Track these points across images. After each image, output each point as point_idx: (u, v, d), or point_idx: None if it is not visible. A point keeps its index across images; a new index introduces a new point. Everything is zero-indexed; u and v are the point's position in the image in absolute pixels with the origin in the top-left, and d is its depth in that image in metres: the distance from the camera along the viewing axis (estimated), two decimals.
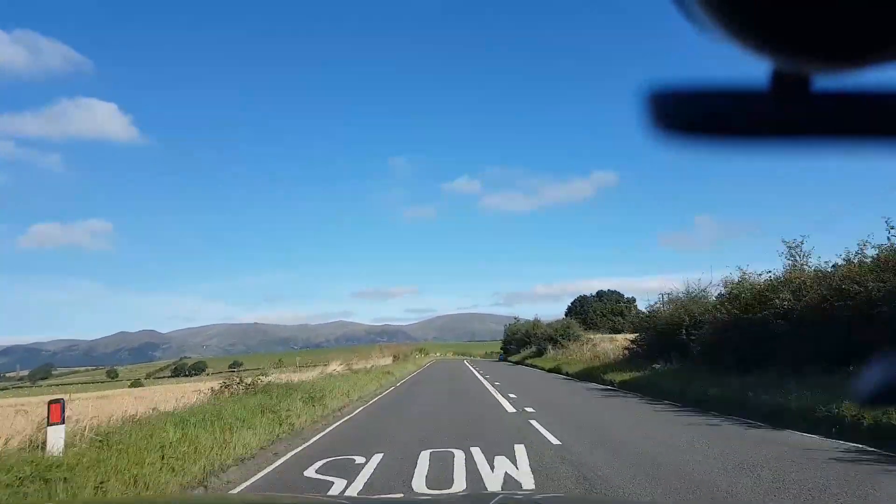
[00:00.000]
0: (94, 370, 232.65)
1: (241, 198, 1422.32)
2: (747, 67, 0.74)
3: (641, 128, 0.78)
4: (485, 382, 25.51)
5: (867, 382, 0.99)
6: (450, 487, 7.19)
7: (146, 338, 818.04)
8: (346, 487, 7.35)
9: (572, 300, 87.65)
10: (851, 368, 12.00)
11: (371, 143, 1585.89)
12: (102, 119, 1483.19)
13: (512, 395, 19.16)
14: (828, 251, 63.17)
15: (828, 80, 0.74)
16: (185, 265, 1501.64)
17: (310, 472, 8.42)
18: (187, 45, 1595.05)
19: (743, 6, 0.66)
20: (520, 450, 9.34)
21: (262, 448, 10.50)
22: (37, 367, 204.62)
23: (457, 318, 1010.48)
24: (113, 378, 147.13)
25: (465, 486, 7.17)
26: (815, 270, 17.06)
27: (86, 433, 8.04)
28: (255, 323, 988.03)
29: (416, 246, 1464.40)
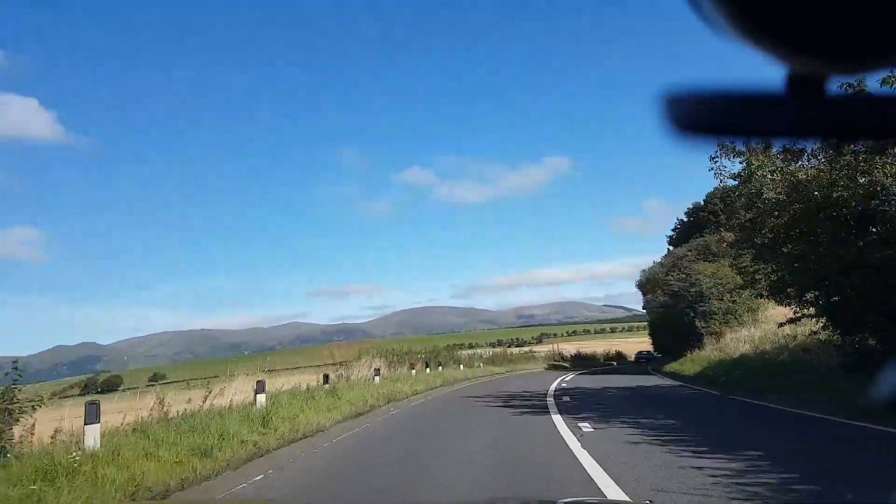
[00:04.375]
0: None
1: (182, 200, 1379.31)
2: (763, 70, 0.77)
3: (659, 129, 0.80)
4: None
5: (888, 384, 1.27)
6: None
7: (86, 351, 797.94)
8: None
9: (684, 213, 54.31)
10: None
11: (317, 134, 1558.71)
12: (22, 116, 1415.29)
13: None
14: None
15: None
16: (127, 273, 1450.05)
17: None
18: (117, 36, 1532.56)
19: (759, 9, 0.67)
20: None
21: None
22: None
23: (415, 312, 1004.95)
24: None
25: None
26: None
27: None
28: (204, 329, 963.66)
29: (371, 241, 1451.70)
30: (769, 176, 14.30)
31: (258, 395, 12.11)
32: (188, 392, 12.65)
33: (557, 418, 12.14)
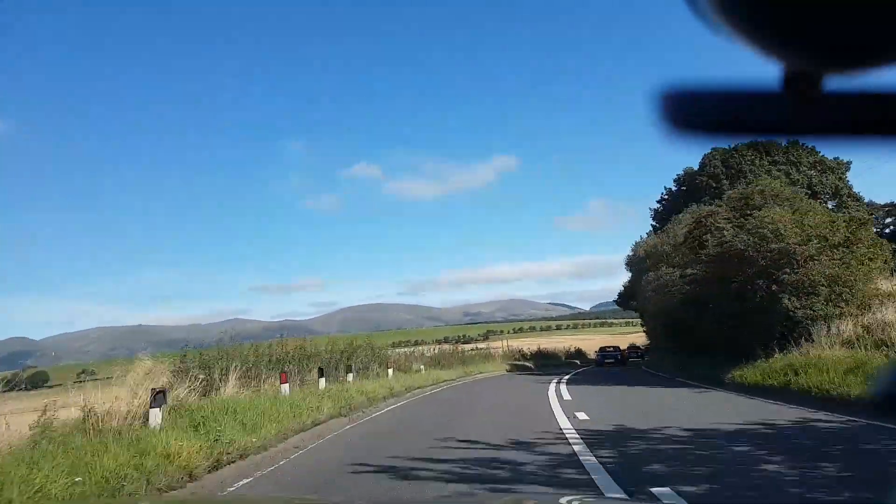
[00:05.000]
0: None
1: (122, 191, 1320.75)
2: (759, 66, 0.75)
3: (654, 127, 0.78)
4: None
5: (883, 384, 1.00)
6: None
7: (16, 346, 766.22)
8: None
9: (673, 181, 48.24)
10: None
11: (263, 126, 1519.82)
12: None
13: None
14: None
15: (839, 81, 0.74)
16: (61, 267, 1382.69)
17: None
18: (45, 19, 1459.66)
19: (755, 7, 0.67)
20: None
21: None
22: None
23: (362, 309, 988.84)
24: None
25: None
26: None
27: None
28: (141, 325, 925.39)
29: (318, 236, 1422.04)
30: None
31: None
32: None
33: None
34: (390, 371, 22.07)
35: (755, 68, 0.77)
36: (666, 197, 52.70)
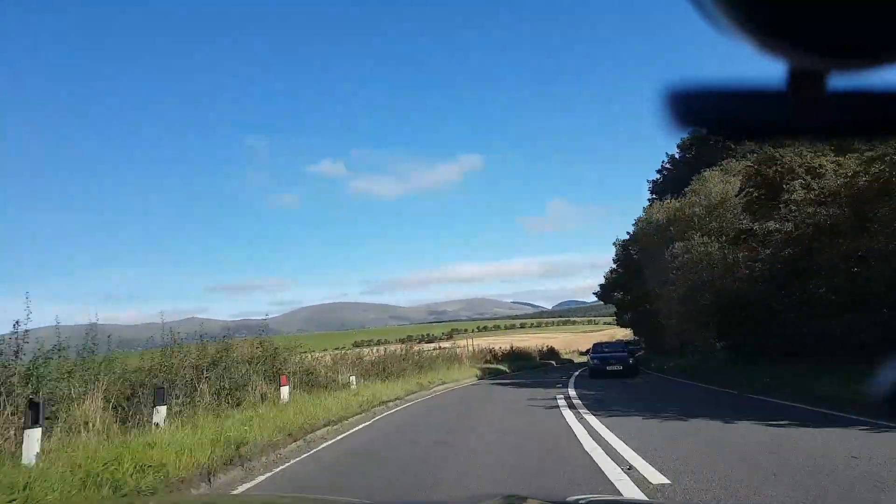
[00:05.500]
0: None
1: (75, 190, 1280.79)
2: (763, 65, 0.75)
3: (659, 126, 0.78)
4: None
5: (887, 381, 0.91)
6: None
7: None
8: None
9: (677, 146, 43.14)
10: None
11: (224, 123, 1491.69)
12: None
13: None
14: None
15: (845, 80, 0.74)
16: (8, 263, 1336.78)
17: None
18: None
19: (759, 6, 0.67)
20: None
21: None
22: None
23: (325, 308, 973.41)
24: None
25: None
26: None
27: None
28: (93, 324, 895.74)
29: (281, 235, 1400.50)
30: None
31: None
32: None
33: None
34: (285, 391, 12.76)
35: (759, 67, 0.78)
36: (668, 166, 44.91)
